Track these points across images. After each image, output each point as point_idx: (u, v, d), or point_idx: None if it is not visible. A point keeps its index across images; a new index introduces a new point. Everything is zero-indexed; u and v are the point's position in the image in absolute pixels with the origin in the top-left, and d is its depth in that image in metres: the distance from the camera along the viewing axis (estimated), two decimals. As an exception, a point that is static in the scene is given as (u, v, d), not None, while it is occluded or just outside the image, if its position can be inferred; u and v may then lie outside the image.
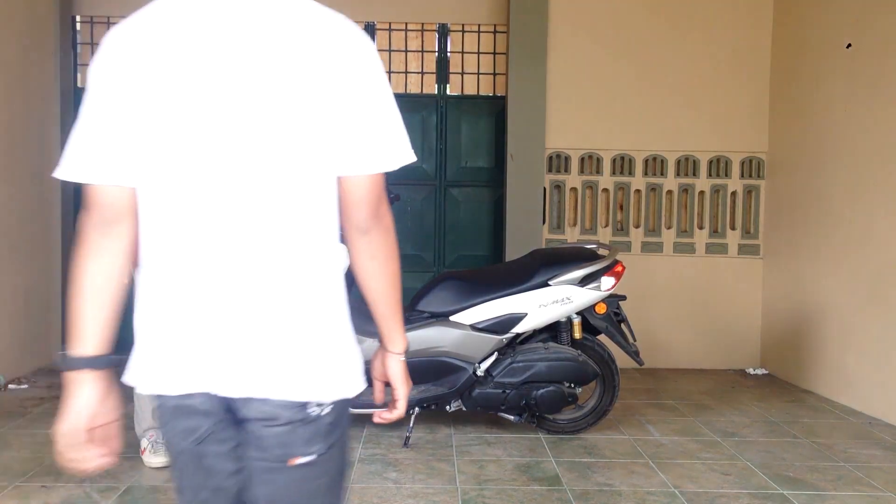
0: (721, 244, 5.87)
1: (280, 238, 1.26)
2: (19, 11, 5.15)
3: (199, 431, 1.32)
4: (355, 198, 1.32)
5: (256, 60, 1.22)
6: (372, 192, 1.32)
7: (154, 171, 1.26)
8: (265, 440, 1.30)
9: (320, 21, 1.26)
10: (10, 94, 5.04)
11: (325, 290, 1.33)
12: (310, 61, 1.23)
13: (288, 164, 1.24)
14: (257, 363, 1.27)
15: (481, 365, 3.88)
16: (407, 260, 5.89)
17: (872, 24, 4.61)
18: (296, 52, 1.22)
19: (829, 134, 5.02)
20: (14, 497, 3.11)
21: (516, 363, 3.85)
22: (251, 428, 1.30)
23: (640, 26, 5.74)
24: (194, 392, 1.30)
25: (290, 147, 1.23)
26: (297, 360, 1.29)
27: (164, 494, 3.17)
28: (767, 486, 3.35)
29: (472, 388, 3.85)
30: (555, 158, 5.79)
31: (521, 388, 3.85)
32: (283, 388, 1.28)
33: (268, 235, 1.25)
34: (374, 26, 5.90)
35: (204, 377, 1.29)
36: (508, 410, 3.92)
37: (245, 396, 1.28)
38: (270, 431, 1.29)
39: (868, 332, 4.58)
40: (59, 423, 1.31)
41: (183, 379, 1.30)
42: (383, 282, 1.44)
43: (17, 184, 5.10)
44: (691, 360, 5.85)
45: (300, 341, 1.29)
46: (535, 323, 3.89)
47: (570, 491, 3.27)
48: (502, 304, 3.87)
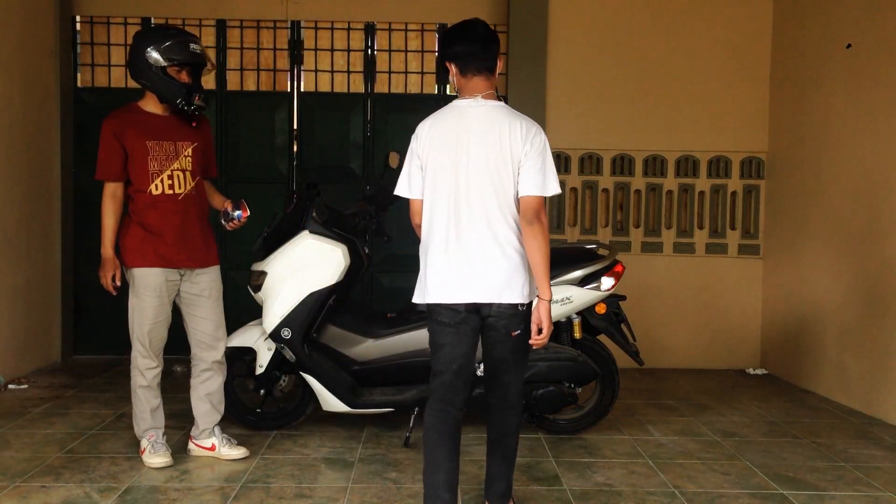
0: (721, 244, 5.87)
1: (497, 224, 2.66)
2: (19, 11, 5.15)
3: (459, 317, 2.68)
4: (524, 207, 2.67)
5: (486, 137, 2.67)
6: (530, 205, 2.66)
7: (439, 191, 2.72)
8: (498, 324, 2.70)
9: (512, 119, 2.70)
10: (10, 94, 5.04)
11: (517, 250, 2.68)
12: (510, 139, 2.66)
13: (500, 188, 2.67)
14: (492, 287, 2.66)
15: (481, 365, 3.87)
16: (408, 260, 5.88)
17: (872, 25, 4.61)
18: (504, 134, 2.66)
19: (829, 134, 5.02)
20: (14, 497, 3.11)
21: None
22: (490, 320, 2.70)
23: (640, 26, 5.74)
24: (460, 302, 2.67)
25: (500, 180, 2.67)
26: (510, 285, 2.67)
27: (164, 494, 3.17)
28: (767, 486, 3.36)
29: (472, 388, 3.84)
30: (555, 158, 5.78)
31: None
32: (506, 298, 2.67)
33: (492, 223, 2.66)
34: (375, 26, 5.90)
35: (465, 294, 2.67)
36: None
37: (487, 302, 2.67)
38: (501, 322, 2.69)
39: (868, 332, 4.58)
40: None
41: (454, 295, 2.68)
42: (535, 254, 2.64)
43: (16, 184, 5.10)
44: (691, 360, 5.85)
45: (509, 275, 2.66)
46: None
47: (570, 491, 3.27)
48: None
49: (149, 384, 3.49)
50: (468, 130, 2.67)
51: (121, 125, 3.37)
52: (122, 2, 5.81)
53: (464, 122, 2.69)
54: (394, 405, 3.92)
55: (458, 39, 2.72)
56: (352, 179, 5.89)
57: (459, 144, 2.67)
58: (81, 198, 5.80)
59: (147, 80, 3.37)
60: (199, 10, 5.79)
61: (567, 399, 3.89)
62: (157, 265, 3.40)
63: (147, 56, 3.31)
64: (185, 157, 3.46)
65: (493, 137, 2.64)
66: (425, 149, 2.72)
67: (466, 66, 2.69)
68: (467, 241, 2.66)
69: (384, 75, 5.92)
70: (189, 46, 3.36)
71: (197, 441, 3.65)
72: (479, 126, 2.67)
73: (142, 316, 3.42)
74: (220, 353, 3.62)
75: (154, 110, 3.45)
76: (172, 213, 3.42)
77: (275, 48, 5.89)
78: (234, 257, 5.89)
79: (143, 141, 3.37)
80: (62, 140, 5.64)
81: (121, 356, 5.96)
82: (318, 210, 3.89)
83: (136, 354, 3.47)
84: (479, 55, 2.69)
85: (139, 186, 3.39)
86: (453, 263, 2.67)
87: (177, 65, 3.35)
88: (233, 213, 3.55)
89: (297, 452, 3.73)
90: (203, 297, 3.54)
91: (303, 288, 3.82)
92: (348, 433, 4.04)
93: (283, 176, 5.89)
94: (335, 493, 3.22)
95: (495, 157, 2.64)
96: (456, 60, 2.71)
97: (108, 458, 3.59)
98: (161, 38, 3.36)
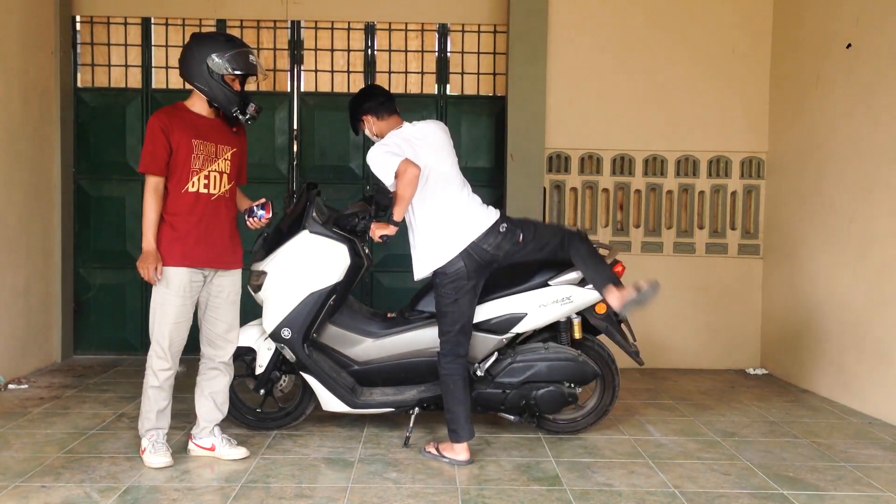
0: (721, 244, 5.87)
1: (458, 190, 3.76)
2: (19, 11, 5.15)
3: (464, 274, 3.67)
4: None
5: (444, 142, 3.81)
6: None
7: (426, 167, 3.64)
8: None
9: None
10: (10, 94, 5.05)
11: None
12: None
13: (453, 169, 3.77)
14: None
15: (482, 365, 3.88)
16: (408, 260, 5.87)
17: (872, 25, 4.61)
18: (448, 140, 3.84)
19: (829, 134, 5.02)
20: (14, 497, 3.11)
21: (516, 363, 3.85)
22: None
23: (640, 26, 5.74)
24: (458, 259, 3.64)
25: (453, 165, 3.78)
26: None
27: (164, 494, 3.17)
28: (767, 486, 3.36)
29: (473, 389, 3.85)
30: (555, 158, 5.80)
31: (522, 388, 3.84)
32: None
33: (452, 192, 3.74)
34: (374, 26, 5.90)
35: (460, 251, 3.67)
36: (508, 410, 3.92)
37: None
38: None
39: (868, 332, 4.58)
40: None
41: (454, 253, 3.64)
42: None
43: (16, 184, 5.11)
44: (691, 360, 5.85)
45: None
46: (535, 323, 3.89)
47: (570, 491, 3.27)
48: (502, 305, 3.88)
49: (160, 385, 3.50)
50: (432, 137, 3.86)
51: (169, 121, 3.42)
52: (122, 2, 5.81)
53: (430, 131, 3.87)
54: (394, 405, 3.92)
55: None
56: (352, 179, 5.89)
57: (432, 147, 3.86)
58: (81, 198, 5.80)
59: (203, 84, 3.42)
60: (199, 10, 5.79)
61: (567, 399, 3.89)
62: (183, 265, 3.43)
63: (209, 62, 3.38)
64: (225, 161, 3.53)
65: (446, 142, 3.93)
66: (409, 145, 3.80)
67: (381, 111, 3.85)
68: (456, 210, 3.84)
69: (384, 75, 5.92)
70: (249, 58, 3.44)
71: (197, 441, 3.66)
72: (438, 135, 3.92)
73: (164, 315, 3.45)
74: (228, 355, 3.66)
75: (200, 111, 3.51)
76: (202, 213, 3.47)
77: (275, 48, 5.89)
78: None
79: (189, 139, 3.42)
80: (62, 140, 5.64)
81: (121, 356, 5.99)
82: (318, 210, 3.89)
83: (152, 354, 3.50)
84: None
85: (177, 182, 3.44)
86: (454, 228, 3.78)
87: (236, 74, 3.42)
88: (258, 212, 3.63)
89: (297, 452, 3.73)
90: (221, 298, 3.59)
91: (303, 288, 3.82)
92: (348, 433, 4.04)
93: (283, 176, 5.89)
94: (335, 493, 3.22)
95: (450, 153, 3.89)
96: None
97: (108, 458, 3.59)
98: (225, 46, 3.41)
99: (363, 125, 3.86)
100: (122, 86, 5.84)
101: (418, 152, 3.61)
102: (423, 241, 3.69)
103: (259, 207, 3.64)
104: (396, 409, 3.93)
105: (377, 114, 3.80)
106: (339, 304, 3.98)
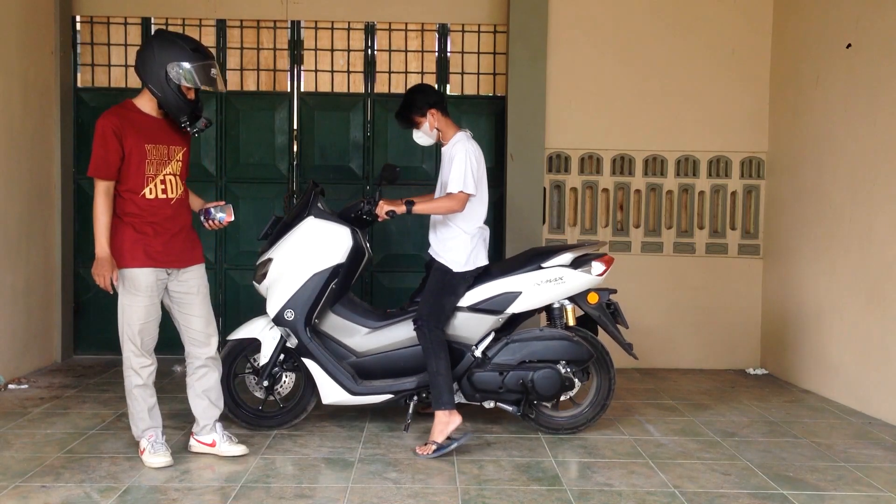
0: (721, 244, 5.87)
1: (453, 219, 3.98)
2: (19, 11, 5.15)
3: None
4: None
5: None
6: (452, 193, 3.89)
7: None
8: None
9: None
10: (10, 94, 5.04)
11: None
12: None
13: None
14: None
15: (479, 346, 3.94)
16: (408, 260, 5.89)
17: (872, 25, 4.61)
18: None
19: (829, 134, 5.02)
20: (14, 497, 3.11)
21: (512, 342, 3.95)
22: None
23: (640, 26, 5.74)
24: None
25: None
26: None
27: (164, 494, 3.17)
28: (767, 486, 3.36)
29: (471, 372, 3.90)
30: (555, 158, 5.79)
31: (518, 370, 3.89)
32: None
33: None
34: (374, 26, 5.90)
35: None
36: (507, 395, 3.94)
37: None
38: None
39: (868, 332, 4.58)
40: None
41: (483, 262, 3.99)
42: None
43: (16, 184, 5.10)
44: (691, 359, 5.85)
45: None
46: (530, 302, 3.97)
47: (570, 491, 3.27)
48: (498, 284, 3.97)
49: (145, 382, 3.50)
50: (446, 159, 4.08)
51: (121, 124, 3.35)
52: (122, 2, 5.81)
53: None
54: (393, 391, 3.96)
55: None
56: (352, 179, 5.89)
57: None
58: (81, 198, 5.80)
59: (158, 89, 3.35)
60: (199, 10, 5.79)
61: (564, 383, 3.91)
62: (147, 265, 3.41)
63: (169, 68, 3.31)
64: (177, 162, 3.49)
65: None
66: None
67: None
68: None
69: (384, 75, 5.92)
70: (210, 72, 3.38)
71: (198, 437, 3.67)
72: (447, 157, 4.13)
73: (133, 316, 3.43)
74: (213, 349, 3.64)
75: (150, 111, 3.45)
76: (165, 219, 3.44)
77: (275, 48, 5.89)
78: (234, 257, 5.90)
79: (142, 144, 3.37)
80: (62, 140, 5.64)
81: (121, 356, 5.97)
82: (322, 202, 4.03)
83: (128, 355, 3.48)
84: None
85: (132, 188, 3.39)
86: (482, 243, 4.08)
87: (193, 87, 3.38)
88: (215, 215, 3.58)
89: (297, 452, 3.73)
90: (192, 293, 3.57)
91: (307, 269, 3.91)
92: (348, 433, 4.04)
93: (283, 176, 5.89)
94: (335, 493, 3.22)
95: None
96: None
97: (108, 458, 3.59)
98: (188, 56, 3.33)
99: (423, 119, 3.98)
100: (122, 86, 5.83)
101: (481, 180, 3.94)
102: (464, 243, 3.92)
103: (218, 210, 3.57)
104: (396, 395, 3.96)
105: (444, 109, 4.02)
106: (340, 291, 4.05)
